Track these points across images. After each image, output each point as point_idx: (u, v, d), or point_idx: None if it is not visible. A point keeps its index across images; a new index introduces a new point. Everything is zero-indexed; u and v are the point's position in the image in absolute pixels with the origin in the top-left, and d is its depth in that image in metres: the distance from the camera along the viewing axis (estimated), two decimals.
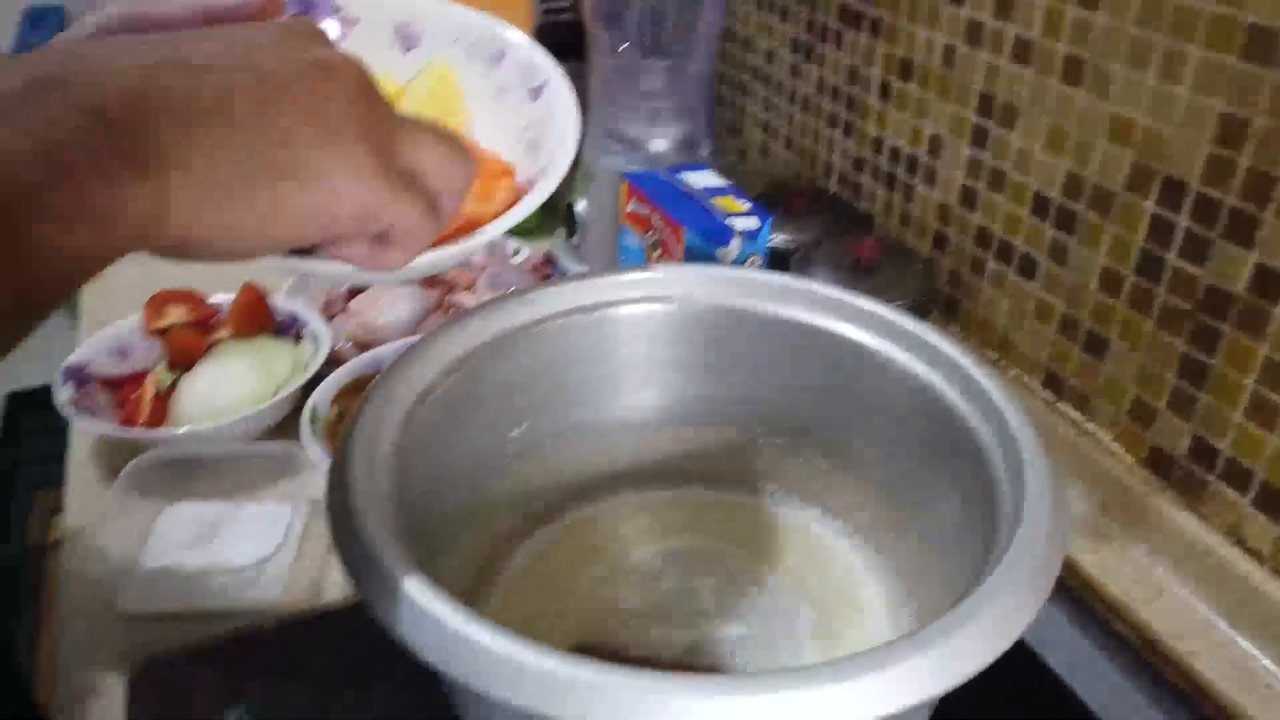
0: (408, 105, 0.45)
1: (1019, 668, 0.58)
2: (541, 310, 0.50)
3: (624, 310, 0.51)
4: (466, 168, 0.34)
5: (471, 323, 0.48)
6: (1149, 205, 0.63)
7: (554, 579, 0.52)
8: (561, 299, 0.50)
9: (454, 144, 0.34)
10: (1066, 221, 0.70)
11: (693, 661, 0.48)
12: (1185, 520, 0.64)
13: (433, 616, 0.32)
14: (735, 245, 0.69)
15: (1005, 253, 0.77)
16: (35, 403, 2.15)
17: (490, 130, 0.46)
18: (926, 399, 0.47)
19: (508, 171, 0.44)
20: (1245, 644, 0.59)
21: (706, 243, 0.68)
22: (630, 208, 0.75)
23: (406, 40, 0.47)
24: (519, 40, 0.46)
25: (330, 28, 0.45)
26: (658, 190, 0.73)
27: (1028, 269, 0.75)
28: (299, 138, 0.29)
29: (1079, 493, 0.71)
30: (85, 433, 0.74)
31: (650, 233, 0.72)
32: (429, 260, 0.37)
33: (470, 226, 0.40)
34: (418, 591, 0.33)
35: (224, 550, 0.63)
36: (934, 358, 0.47)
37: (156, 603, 0.60)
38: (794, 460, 0.55)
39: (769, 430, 0.55)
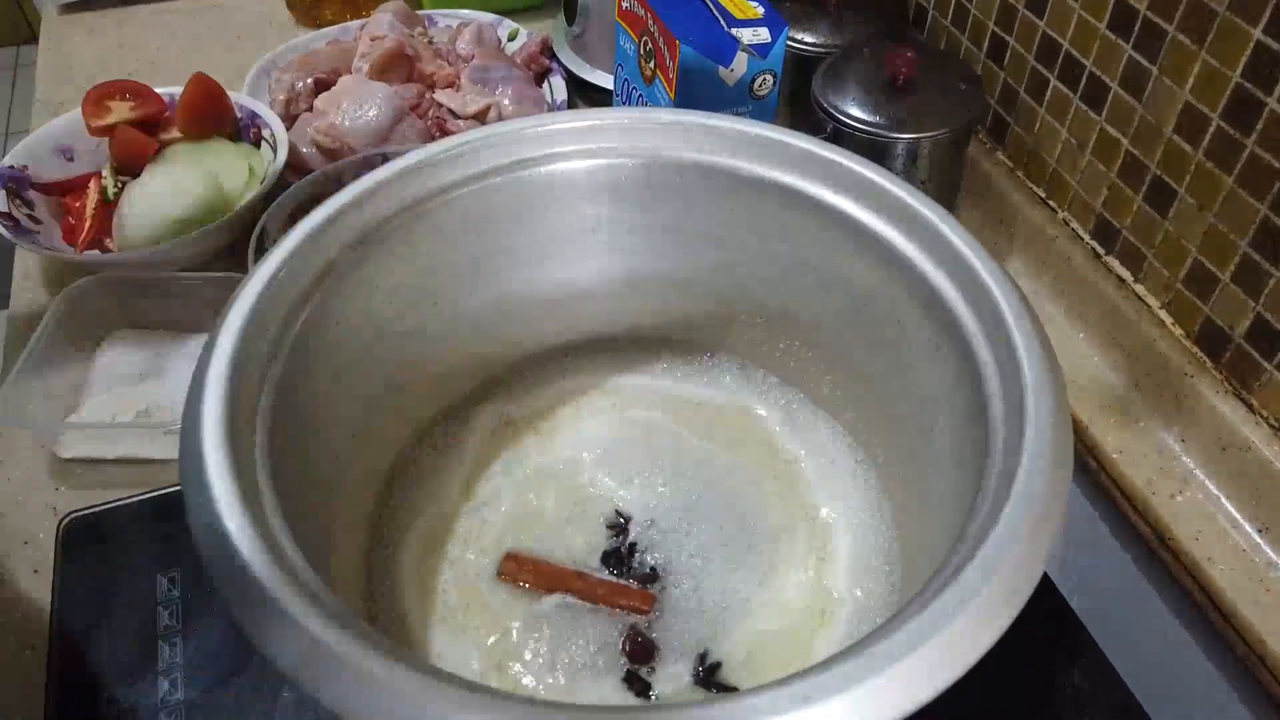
0: None
1: None
2: (473, 167, 0.41)
3: (571, 165, 0.43)
4: None
5: (386, 184, 0.40)
6: (1255, 32, 0.51)
7: (489, 474, 0.47)
8: (497, 153, 0.41)
9: None
10: (1150, 42, 0.58)
11: (616, 578, 0.43)
12: (1229, 408, 0.57)
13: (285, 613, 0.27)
14: (741, 62, 0.58)
15: (1072, 73, 0.64)
16: None
17: None
18: (923, 292, 0.39)
19: None
20: (1270, 553, 0.54)
21: (707, 59, 0.57)
22: (625, 3, 0.63)
23: None
24: None
25: None
26: None
27: (1095, 96, 0.63)
28: None
29: (1112, 363, 0.63)
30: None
31: (644, 38, 0.61)
32: None
33: None
34: (253, 552, 0.28)
35: (167, 388, 0.59)
36: (933, 243, 0.38)
37: (96, 448, 0.56)
38: (769, 343, 0.48)
39: (741, 306, 0.47)
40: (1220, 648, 0.53)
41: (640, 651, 0.41)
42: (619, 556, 0.44)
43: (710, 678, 0.40)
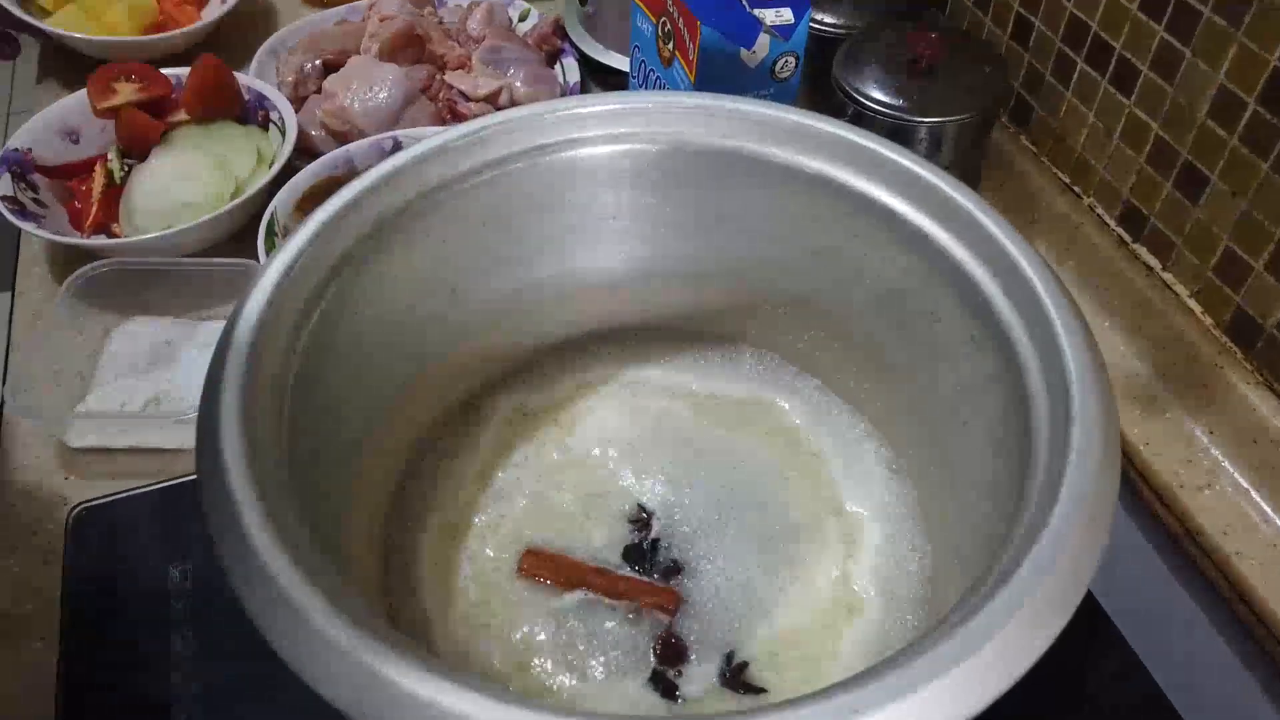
0: None
1: None
2: (492, 153, 0.40)
3: (592, 151, 0.41)
4: None
5: (403, 171, 0.38)
6: None
7: (506, 466, 0.46)
8: (516, 138, 0.40)
9: None
10: (1184, 23, 0.56)
11: (638, 574, 0.42)
12: (1259, 399, 0.56)
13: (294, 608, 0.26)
14: (763, 44, 0.56)
15: (1100, 55, 0.63)
16: None
17: None
18: (958, 281, 0.38)
19: None
20: None
21: (728, 41, 0.55)
22: None
23: None
24: None
25: None
26: None
27: (1125, 79, 0.61)
28: None
29: (1138, 352, 0.62)
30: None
31: (663, 19, 0.60)
32: None
33: None
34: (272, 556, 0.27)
35: (177, 376, 0.58)
36: (969, 231, 0.37)
37: (105, 438, 0.55)
38: (793, 334, 0.47)
39: (764, 296, 0.46)
40: (1250, 643, 0.52)
41: (672, 654, 0.40)
42: (641, 552, 0.43)
43: (738, 678, 0.39)
